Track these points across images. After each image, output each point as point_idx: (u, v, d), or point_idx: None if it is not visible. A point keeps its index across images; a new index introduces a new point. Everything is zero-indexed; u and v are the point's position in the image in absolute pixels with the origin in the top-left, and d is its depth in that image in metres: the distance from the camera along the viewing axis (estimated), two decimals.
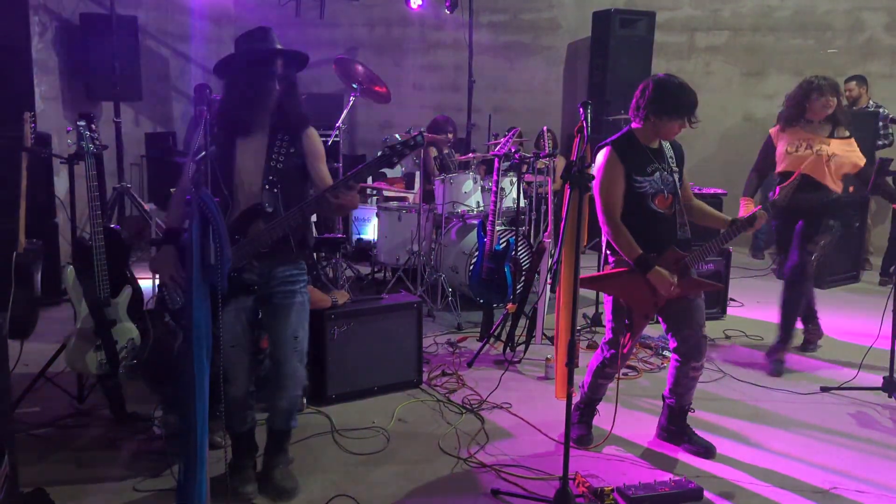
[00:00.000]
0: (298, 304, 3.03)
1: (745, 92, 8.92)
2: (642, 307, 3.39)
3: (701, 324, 3.44)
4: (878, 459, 3.52)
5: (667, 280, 3.26)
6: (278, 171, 2.90)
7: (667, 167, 3.40)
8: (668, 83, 3.30)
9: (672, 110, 3.27)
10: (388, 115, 9.17)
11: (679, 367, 3.49)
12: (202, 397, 2.21)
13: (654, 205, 3.35)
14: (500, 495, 3.09)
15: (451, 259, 5.93)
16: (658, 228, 3.37)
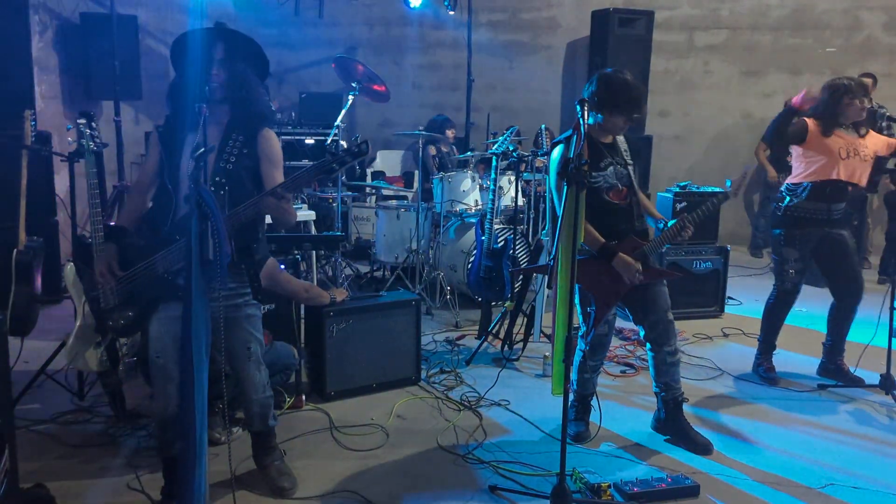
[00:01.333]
0: (245, 316, 2.94)
1: (744, 91, 8.94)
2: (604, 295, 3.45)
3: (665, 308, 3.50)
4: (874, 456, 3.54)
5: (631, 266, 3.34)
6: (227, 172, 2.77)
7: (620, 161, 3.47)
8: (613, 79, 3.36)
9: (615, 106, 3.33)
10: (388, 114, 9.19)
11: (655, 355, 3.56)
12: (201, 393, 2.23)
13: (609, 198, 3.42)
14: (497, 491, 3.11)
15: (450, 257, 5.94)
16: (614, 220, 3.44)
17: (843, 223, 4.37)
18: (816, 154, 4.23)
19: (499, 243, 5.25)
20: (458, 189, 6.02)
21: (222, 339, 2.60)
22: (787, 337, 4.76)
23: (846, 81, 4.21)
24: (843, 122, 4.23)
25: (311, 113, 8.03)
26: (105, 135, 3.95)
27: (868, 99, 4.26)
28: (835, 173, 4.20)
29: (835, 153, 4.19)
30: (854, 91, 4.16)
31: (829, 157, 4.20)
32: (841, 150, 4.20)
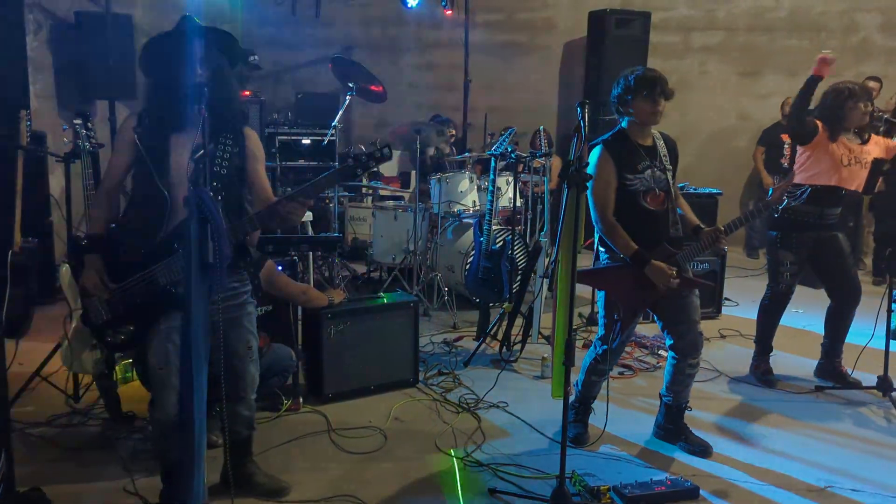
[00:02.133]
0: (246, 314, 2.92)
1: (740, 92, 8.95)
2: (631, 303, 3.41)
3: (696, 320, 3.46)
4: (872, 458, 3.54)
5: (665, 273, 3.27)
6: (221, 177, 2.70)
7: (659, 165, 3.41)
8: (632, 71, 3.36)
9: (637, 91, 3.29)
10: (384, 114, 9.18)
11: (676, 364, 3.51)
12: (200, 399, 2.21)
13: (646, 203, 3.36)
14: (497, 494, 3.10)
15: (447, 258, 5.93)
16: (650, 226, 3.38)
17: (838, 226, 4.38)
18: (820, 158, 4.22)
19: (497, 244, 5.24)
20: (456, 190, 6.01)
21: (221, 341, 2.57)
22: (784, 339, 4.77)
23: (850, 85, 4.19)
24: (847, 126, 4.21)
25: (307, 113, 8.02)
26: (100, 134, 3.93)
27: (871, 103, 4.24)
28: (835, 180, 4.20)
29: (837, 160, 4.19)
30: (858, 95, 4.15)
31: (831, 163, 4.20)
32: (843, 157, 4.19)
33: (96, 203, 2.81)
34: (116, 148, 2.75)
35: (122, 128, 2.77)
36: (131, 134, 2.69)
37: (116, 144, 2.76)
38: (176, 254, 2.60)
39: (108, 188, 2.78)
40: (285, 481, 3.13)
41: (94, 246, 2.74)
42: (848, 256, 4.38)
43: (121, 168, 2.75)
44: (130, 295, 2.70)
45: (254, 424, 3.11)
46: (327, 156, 7.59)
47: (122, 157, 2.74)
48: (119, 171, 2.76)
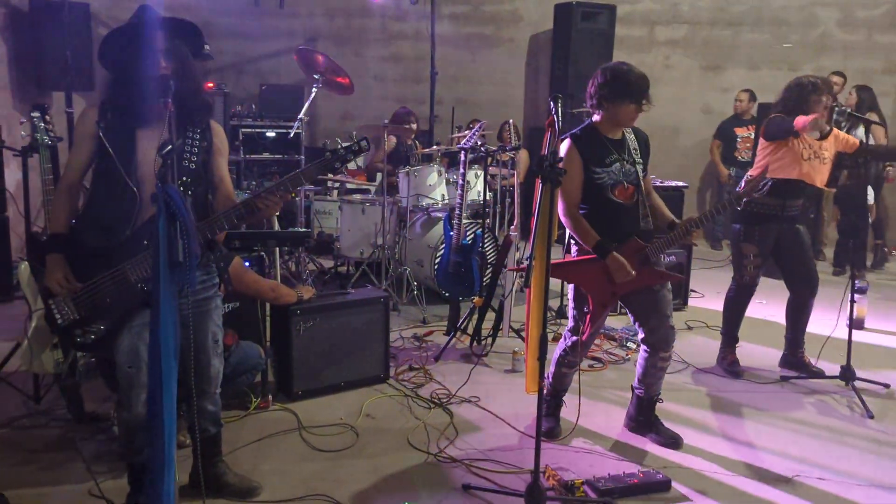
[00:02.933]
0: (214, 307, 2.89)
1: (704, 85, 9.06)
2: (600, 295, 3.42)
3: (668, 314, 3.48)
4: (837, 447, 3.61)
5: (624, 266, 3.30)
6: (191, 172, 2.66)
7: (629, 158, 3.42)
8: (616, 68, 3.33)
9: (623, 93, 3.28)
10: (349, 107, 9.08)
11: (647, 357, 3.53)
12: (170, 397, 2.15)
13: (614, 195, 3.38)
14: (471, 490, 3.09)
15: (417, 252, 5.90)
16: (618, 218, 3.39)
17: (800, 218, 4.45)
18: (781, 152, 4.27)
19: (467, 239, 5.22)
20: (425, 183, 5.97)
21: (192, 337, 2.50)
22: (748, 329, 4.84)
23: (813, 79, 4.24)
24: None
25: (271, 105, 7.90)
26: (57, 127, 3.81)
27: (833, 97, 4.30)
28: (796, 174, 4.26)
29: (798, 154, 4.23)
30: (821, 89, 4.20)
31: (792, 156, 4.25)
32: (804, 151, 4.24)
33: (57, 200, 2.68)
34: (77, 142, 2.65)
35: (81, 121, 2.66)
36: (93, 128, 2.60)
37: (77, 138, 2.65)
38: (146, 250, 2.53)
39: (69, 184, 2.68)
40: (256, 481, 3.09)
41: (57, 244, 2.64)
42: (808, 249, 4.46)
43: (82, 163, 2.66)
44: (100, 293, 2.61)
45: (220, 421, 3.06)
46: (293, 149, 7.50)
47: (83, 152, 2.64)
48: (80, 167, 2.66)
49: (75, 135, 2.67)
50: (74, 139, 2.67)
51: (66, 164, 2.68)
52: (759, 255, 4.40)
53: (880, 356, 4.90)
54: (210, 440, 3.03)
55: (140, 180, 2.58)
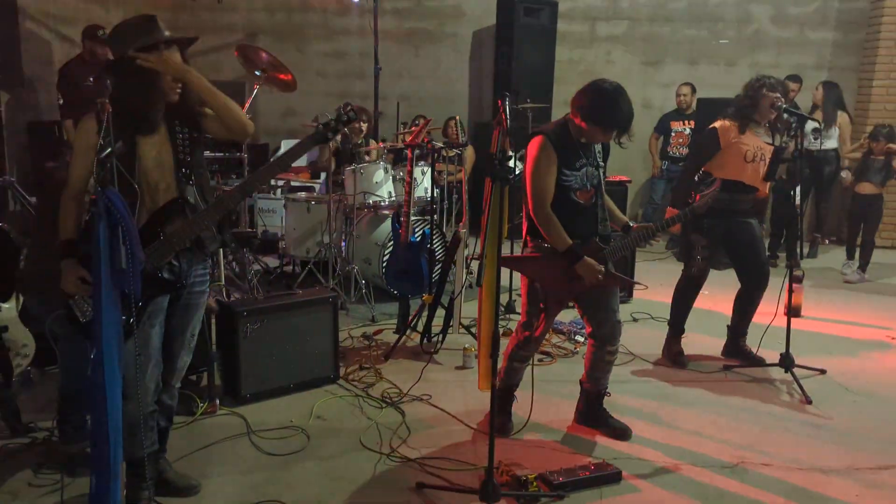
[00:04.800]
0: (203, 303, 2.98)
1: (644, 80, 9.21)
2: (558, 293, 3.45)
3: (615, 309, 3.53)
4: (780, 432, 3.72)
5: (595, 270, 3.31)
6: (189, 163, 2.77)
7: (593, 162, 3.44)
8: (611, 98, 3.24)
9: (604, 122, 3.27)
10: (291, 104, 8.95)
11: (595, 352, 3.58)
12: (115, 410, 2.08)
13: (576, 197, 3.39)
14: (425, 489, 3.08)
15: (364, 250, 5.85)
16: (579, 220, 3.40)
17: (752, 212, 4.54)
18: (726, 156, 4.36)
19: (416, 236, 5.20)
20: (371, 181, 5.92)
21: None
22: (693, 320, 4.93)
23: (769, 78, 4.32)
24: (758, 118, 4.35)
25: None
26: None
27: (783, 97, 4.35)
28: (739, 175, 4.35)
29: (742, 155, 4.32)
30: (773, 86, 4.28)
31: (736, 158, 4.34)
32: (748, 153, 4.33)
33: (65, 210, 2.67)
34: (80, 154, 2.64)
35: (83, 133, 2.65)
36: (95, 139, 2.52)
37: (79, 150, 2.65)
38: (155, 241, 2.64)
39: (75, 194, 2.68)
40: (195, 479, 3.08)
41: (70, 250, 2.64)
42: (759, 242, 4.55)
43: (86, 174, 2.64)
44: None
45: (173, 417, 3.07)
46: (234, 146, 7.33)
47: (87, 164, 2.60)
48: (85, 177, 2.66)
49: (76, 147, 2.68)
50: (76, 152, 2.68)
51: (70, 176, 2.68)
52: (708, 248, 4.49)
53: (816, 343, 5.08)
54: (159, 434, 3.01)
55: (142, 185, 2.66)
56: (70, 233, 2.67)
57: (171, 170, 2.72)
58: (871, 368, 4.66)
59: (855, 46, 8.96)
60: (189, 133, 2.78)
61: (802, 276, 5.75)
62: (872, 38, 8.69)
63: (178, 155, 2.74)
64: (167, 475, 3.03)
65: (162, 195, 2.72)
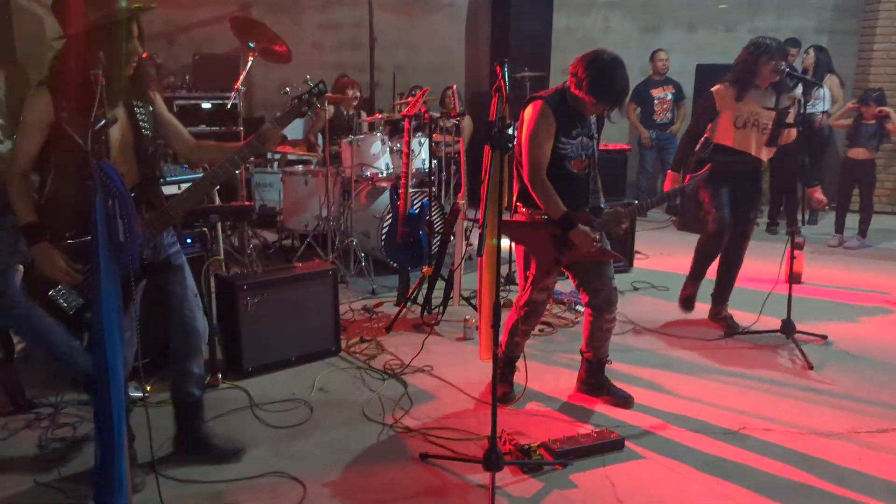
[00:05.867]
0: (184, 261, 2.95)
1: (643, 47, 9.09)
2: (544, 261, 3.43)
3: (611, 276, 3.53)
4: (780, 398, 3.73)
5: (589, 238, 3.29)
6: (152, 140, 2.74)
7: (588, 132, 3.41)
8: (608, 68, 3.19)
9: (597, 94, 3.21)
10: (287, 76, 8.80)
11: (593, 321, 3.58)
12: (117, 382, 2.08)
13: (570, 166, 3.36)
14: (429, 459, 3.09)
15: (363, 223, 5.82)
16: (569, 189, 3.37)
17: (750, 174, 4.51)
18: (721, 118, 4.37)
19: (414, 208, 5.17)
20: (368, 153, 5.87)
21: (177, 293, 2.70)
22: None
23: (768, 41, 4.27)
24: (757, 82, 4.30)
25: (206, 76, 7.64)
26: None
27: (784, 62, 4.28)
28: (728, 140, 4.36)
29: (731, 121, 4.32)
30: (773, 52, 4.22)
31: (725, 124, 4.35)
32: (738, 118, 4.32)
33: (16, 190, 2.55)
34: (29, 130, 2.54)
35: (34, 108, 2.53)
36: (50, 115, 2.51)
37: (29, 126, 2.54)
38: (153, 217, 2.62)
39: (23, 172, 2.57)
40: (241, 441, 3.13)
41: (37, 234, 2.53)
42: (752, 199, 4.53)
43: (35, 151, 2.56)
44: None
45: (204, 384, 3.11)
46: (230, 120, 7.29)
47: (37, 140, 2.54)
48: (33, 154, 2.56)
49: (26, 122, 2.55)
50: (24, 127, 2.55)
51: (18, 152, 2.56)
52: (717, 207, 4.48)
53: (817, 309, 5.08)
54: (195, 405, 3.06)
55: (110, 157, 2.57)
56: (31, 215, 2.55)
57: (131, 149, 2.67)
58: (871, 333, 4.67)
59: (855, 10, 8.85)
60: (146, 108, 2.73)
61: (803, 242, 5.74)
62: (873, 1, 8.59)
63: (142, 132, 2.68)
64: (213, 440, 3.08)
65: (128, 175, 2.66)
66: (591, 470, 3.03)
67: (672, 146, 8.29)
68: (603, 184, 3.53)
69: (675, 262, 6.25)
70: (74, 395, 3.59)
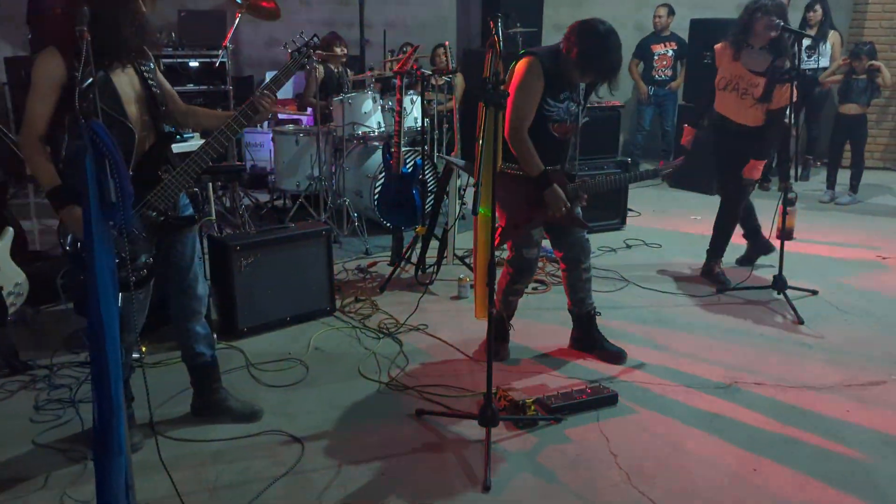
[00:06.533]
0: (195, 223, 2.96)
1: (637, 3, 8.99)
2: (515, 217, 3.43)
3: None
4: (772, 353, 3.78)
5: (560, 199, 3.32)
6: (160, 97, 2.73)
7: (576, 97, 3.40)
8: (601, 40, 3.17)
9: (590, 65, 3.20)
10: (274, 33, 8.69)
11: (569, 274, 3.62)
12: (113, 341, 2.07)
13: (552, 129, 3.35)
14: (424, 415, 3.12)
15: (355, 183, 5.79)
16: (549, 152, 3.36)
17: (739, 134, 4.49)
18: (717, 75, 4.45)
19: (407, 167, 5.14)
20: (360, 111, 5.81)
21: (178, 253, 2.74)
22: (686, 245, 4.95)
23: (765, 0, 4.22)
24: (752, 41, 4.29)
25: (192, 33, 7.48)
26: None
27: (780, 20, 4.18)
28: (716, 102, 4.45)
29: (717, 81, 4.41)
30: (768, 9, 4.18)
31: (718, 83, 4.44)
32: (722, 80, 4.38)
33: (35, 155, 2.51)
34: (43, 92, 2.49)
35: (45, 70, 2.49)
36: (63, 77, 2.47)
37: (41, 88, 2.49)
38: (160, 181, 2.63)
39: (40, 135, 2.52)
40: (257, 404, 3.16)
41: (64, 196, 2.49)
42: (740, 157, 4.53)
43: (49, 113, 2.51)
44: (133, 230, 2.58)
45: (214, 344, 3.12)
46: (218, 79, 7.18)
47: (51, 102, 2.50)
48: (48, 117, 2.51)
49: (39, 84, 2.49)
50: (38, 89, 2.50)
51: (31, 117, 2.50)
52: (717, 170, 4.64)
53: (808, 264, 5.11)
54: (208, 366, 3.07)
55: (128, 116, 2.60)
56: (55, 178, 2.52)
57: (145, 105, 2.66)
58: (862, 288, 4.71)
59: None
60: (149, 69, 2.71)
61: (795, 198, 5.75)
62: None
63: (152, 90, 2.67)
64: (229, 403, 3.10)
65: (148, 133, 2.67)
66: (585, 425, 3.07)
67: (670, 103, 8.23)
68: (595, 142, 3.50)
69: (667, 219, 6.27)
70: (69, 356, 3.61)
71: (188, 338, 3.00)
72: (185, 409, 3.15)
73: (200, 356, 3.03)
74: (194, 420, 3.08)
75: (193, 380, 3.11)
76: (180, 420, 3.09)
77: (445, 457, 2.85)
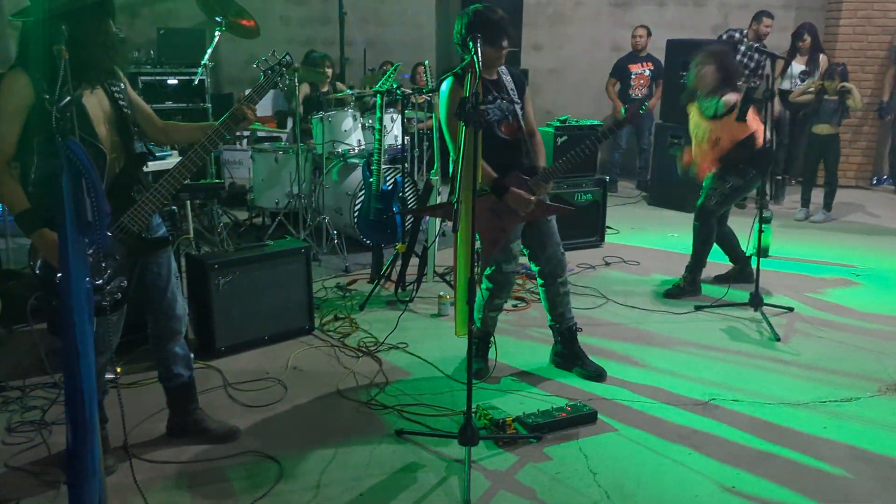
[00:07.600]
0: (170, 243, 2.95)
1: (613, 23, 9.10)
2: (489, 233, 3.46)
3: (558, 241, 3.62)
4: (749, 370, 3.81)
5: (524, 199, 3.36)
6: (131, 118, 2.72)
7: (507, 97, 3.47)
8: (475, 11, 3.33)
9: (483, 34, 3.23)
10: (254, 51, 8.64)
11: (547, 288, 3.65)
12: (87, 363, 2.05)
13: (500, 131, 3.42)
14: (404, 435, 3.10)
15: (335, 200, 5.78)
16: (503, 154, 3.43)
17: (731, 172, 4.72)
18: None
19: (388, 185, 5.14)
20: (340, 129, 5.82)
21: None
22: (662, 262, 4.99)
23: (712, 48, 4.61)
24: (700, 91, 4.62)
25: (171, 51, 7.47)
26: None
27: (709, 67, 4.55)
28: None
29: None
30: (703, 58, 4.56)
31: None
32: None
33: (2, 177, 2.46)
34: (9, 114, 2.45)
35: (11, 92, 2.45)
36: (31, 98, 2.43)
37: (9, 111, 2.45)
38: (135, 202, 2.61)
39: (7, 159, 2.47)
40: (234, 424, 3.13)
41: (35, 220, 2.46)
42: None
43: (16, 136, 2.47)
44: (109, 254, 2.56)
45: (192, 364, 3.07)
46: (197, 96, 7.16)
47: (18, 124, 2.46)
48: (15, 140, 2.47)
49: (5, 106, 2.46)
50: (4, 111, 2.46)
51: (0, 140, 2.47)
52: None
53: (784, 282, 5.17)
54: (185, 386, 3.03)
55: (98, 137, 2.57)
56: (23, 202, 2.48)
57: (114, 126, 2.63)
58: (836, 305, 4.77)
59: None
60: (119, 88, 2.68)
61: (771, 216, 5.82)
62: None
63: (124, 111, 2.66)
64: (207, 423, 3.06)
65: (119, 154, 2.65)
66: (564, 443, 3.07)
67: (646, 122, 8.32)
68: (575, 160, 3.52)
69: (645, 237, 6.32)
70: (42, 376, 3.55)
71: (167, 358, 2.96)
72: (161, 430, 3.10)
73: (178, 377, 2.99)
74: (170, 441, 3.04)
75: (170, 400, 3.07)
76: (156, 441, 3.05)
77: (425, 476, 2.83)
